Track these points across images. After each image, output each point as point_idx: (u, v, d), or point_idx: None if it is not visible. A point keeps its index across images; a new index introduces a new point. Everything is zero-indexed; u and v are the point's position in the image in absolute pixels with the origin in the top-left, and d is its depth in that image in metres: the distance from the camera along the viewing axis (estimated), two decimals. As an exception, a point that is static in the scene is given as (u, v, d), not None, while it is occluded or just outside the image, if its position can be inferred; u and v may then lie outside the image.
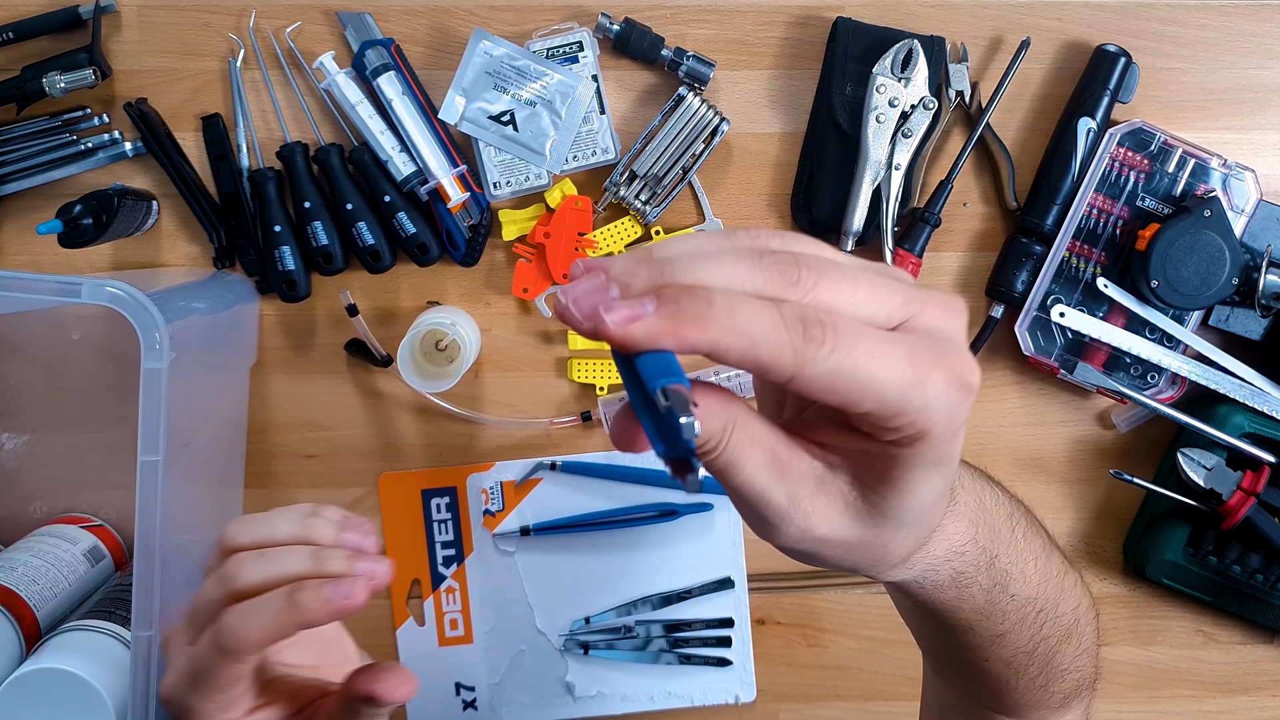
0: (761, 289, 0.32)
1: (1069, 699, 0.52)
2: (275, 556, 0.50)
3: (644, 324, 0.31)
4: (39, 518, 0.86)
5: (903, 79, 0.79)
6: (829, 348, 0.31)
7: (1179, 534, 0.83)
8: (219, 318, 0.79)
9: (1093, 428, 0.87)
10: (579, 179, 0.84)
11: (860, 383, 0.32)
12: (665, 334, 0.31)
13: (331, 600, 0.48)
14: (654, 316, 0.31)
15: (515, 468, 0.87)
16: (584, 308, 0.31)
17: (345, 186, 0.81)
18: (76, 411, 0.85)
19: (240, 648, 0.47)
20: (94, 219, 0.75)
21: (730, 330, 0.31)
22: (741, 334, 0.31)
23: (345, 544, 0.52)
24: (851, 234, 0.81)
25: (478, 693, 0.88)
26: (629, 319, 0.31)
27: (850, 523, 0.37)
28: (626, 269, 0.32)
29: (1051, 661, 0.50)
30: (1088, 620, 0.52)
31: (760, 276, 0.32)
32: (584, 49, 0.80)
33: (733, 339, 0.31)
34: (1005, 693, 0.51)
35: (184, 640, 0.50)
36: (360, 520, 0.54)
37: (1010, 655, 0.49)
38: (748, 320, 0.31)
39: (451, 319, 0.80)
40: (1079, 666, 0.52)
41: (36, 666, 0.69)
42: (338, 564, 0.50)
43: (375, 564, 0.50)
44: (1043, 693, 0.51)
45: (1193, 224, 0.77)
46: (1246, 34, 0.83)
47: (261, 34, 0.82)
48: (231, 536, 0.52)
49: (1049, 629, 0.49)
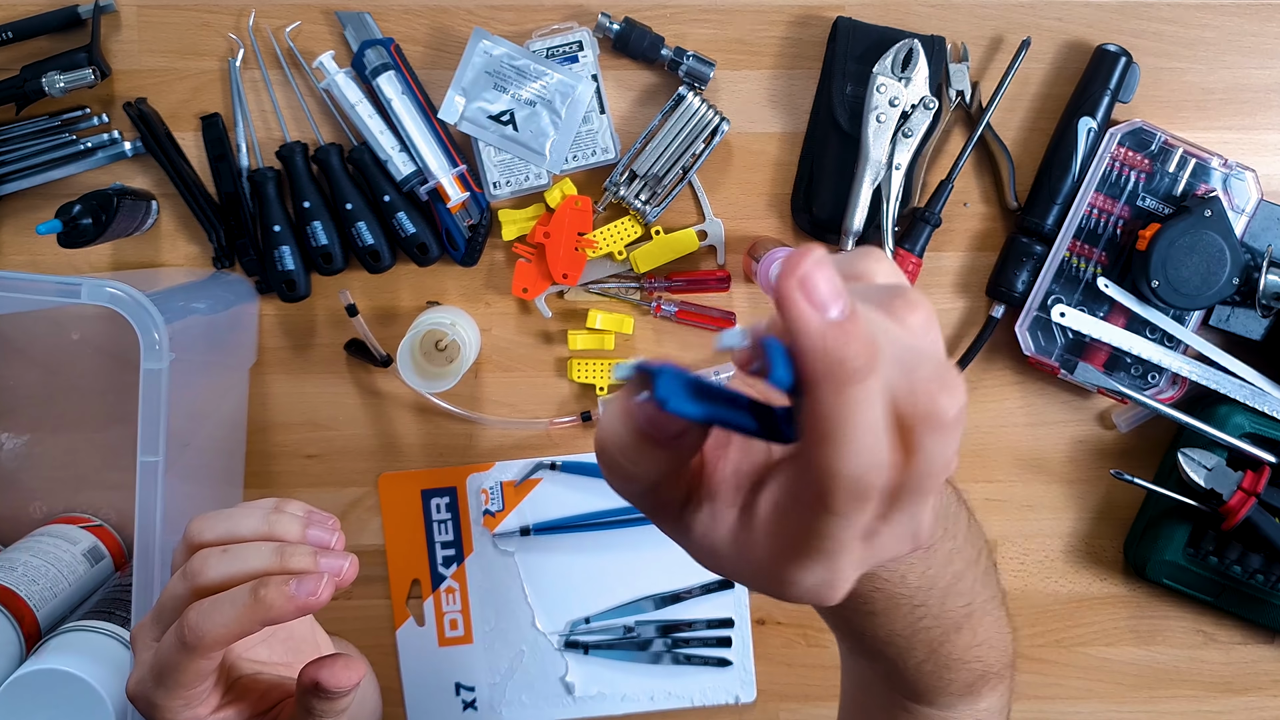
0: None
1: (974, 687, 0.51)
2: (240, 552, 0.50)
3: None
4: (39, 518, 0.86)
5: (903, 79, 0.79)
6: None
7: (1179, 534, 0.83)
8: (218, 318, 0.79)
9: (1093, 428, 0.87)
10: (579, 179, 0.84)
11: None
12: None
13: (295, 597, 0.48)
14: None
15: (515, 468, 0.87)
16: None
17: (345, 186, 0.81)
18: (76, 412, 0.85)
19: (203, 643, 0.47)
20: (93, 219, 0.75)
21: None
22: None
23: (310, 540, 0.52)
24: (852, 234, 0.81)
25: (478, 693, 0.88)
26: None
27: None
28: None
29: (939, 650, 0.49)
30: (986, 612, 0.50)
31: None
32: (584, 48, 0.80)
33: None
34: (899, 673, 0.50)
35: (150, 637, 0.51)
36: (324, 515, 0.54)
37: (887, 636, 0.47)
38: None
39: (451, 319, 0.80)
40: (979, 657, 0.50)
41: (36, 667, 0.69)
42: (302, 560, 0.50)
43: (339, 560, 0.50)
44: (937, 679, 0.50)
45: (1193, 224, 0.77)
46: (1247, 34, 0.83)
47: (261, 33, 0.82)
48: (196, 532, 0.52)
49: (929, 622, 0.48)
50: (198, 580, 0.49)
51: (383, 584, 0.88)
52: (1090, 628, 0.89)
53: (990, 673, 0.52)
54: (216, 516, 0.53)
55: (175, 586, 0.50)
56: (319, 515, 0.54)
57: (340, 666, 0.50)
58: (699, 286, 0.85)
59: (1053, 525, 0.88)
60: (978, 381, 0.87)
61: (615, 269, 0.85)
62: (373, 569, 0.88)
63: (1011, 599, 0.89)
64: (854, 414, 0.29)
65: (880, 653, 0.49)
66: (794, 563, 0.33)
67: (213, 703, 0.51)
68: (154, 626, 0.51)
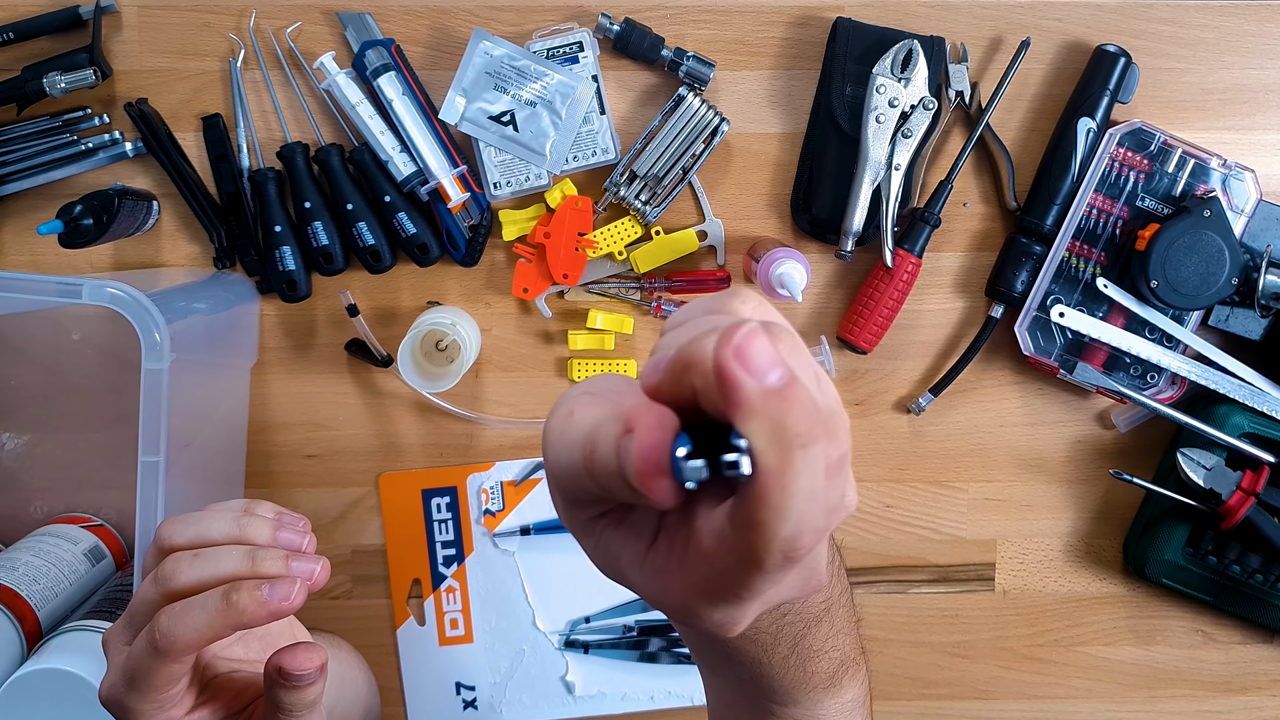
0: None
1: (836, 677, 0.51)
2: (211, 557, 0.50)
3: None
4: (40, 518, 0.86)
5: (902, 79, 0.79)
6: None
7: (1178, 534, 0.83)
8: (219, 318, 0.79)
9: (1092, 428, 0.88)
10: (579, 179, 0.84)
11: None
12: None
13: (267, 602, 0.48)
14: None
15: (515, 467, 0.87)
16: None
17: (345, 187, 0.81)
18: (77, 412, 0.85)
19: (175, 648, 0.47)
20: (94, 219, 0.75)
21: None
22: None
23: (281, 543, 0.52)
24: (851, 234, 0.81)
25: (478, 692, 0.88)
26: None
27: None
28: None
29: (801, 643, 0.49)
30: (841, 604, 0.51)
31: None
32: (584, 49, 0.80)
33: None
34: (763, 673, 0.49)
35: (122, 641, 0.50)
36: (295, 518, 0.54)
37: (753, 634, 0.47)
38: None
39: (452, 319, 0.80)
40: (836, 645, 0.50)
41: (38, 667, 0.69)
42: (273, 565, 0.50)
43: (311, 564, 0.50)
44: (800, 672, 0.50)
45: (1192, 224, 0.77)
46: (1246, 34, 0.83)
47: (262, 34, 0.82)
48: (167, 535, 0.52)
49: (792, 618, 0.48)
50: (169, 585, 0.49)
51: (383, 583, 0.88)
52: (1089, 627, 0.89)
53: (848, 659, 0.52)
54: (187, 520, 0.52)
55: (146, 590, 0.50)
56: (290, 517, 0.54)
57: (301, 651, 0.50)
58: (699, 287, 0.85)
59: (1052, 525, 0.88)
60: (977, 381, 0.87)
61: (615, 269, 0.85)
62: (373, 569, 0.88)
63: (1011, 599, 0.89)
64: (795, 481, 0.29)
65: (744, 651, 0.49)
66: (706, 601, 0.33)
67: (187, 704, 0.51)
68: (125, 630, 0.51)
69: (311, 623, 0.88)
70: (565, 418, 0.35)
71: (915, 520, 0.88)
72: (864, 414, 0.87)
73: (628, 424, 0.31)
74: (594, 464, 0.33)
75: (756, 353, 0.29)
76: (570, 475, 0.34)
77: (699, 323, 0.35)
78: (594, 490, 0.34)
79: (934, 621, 0.89)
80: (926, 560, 0.88)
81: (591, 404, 0.35)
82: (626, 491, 0.32)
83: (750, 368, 0.29)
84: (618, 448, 0.32)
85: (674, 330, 0.36)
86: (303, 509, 0.86)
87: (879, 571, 0.88)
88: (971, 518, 0.88)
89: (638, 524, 0.36)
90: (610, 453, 0.32)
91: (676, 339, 0.34)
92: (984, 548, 0.88)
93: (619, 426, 0.32)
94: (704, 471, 0.31)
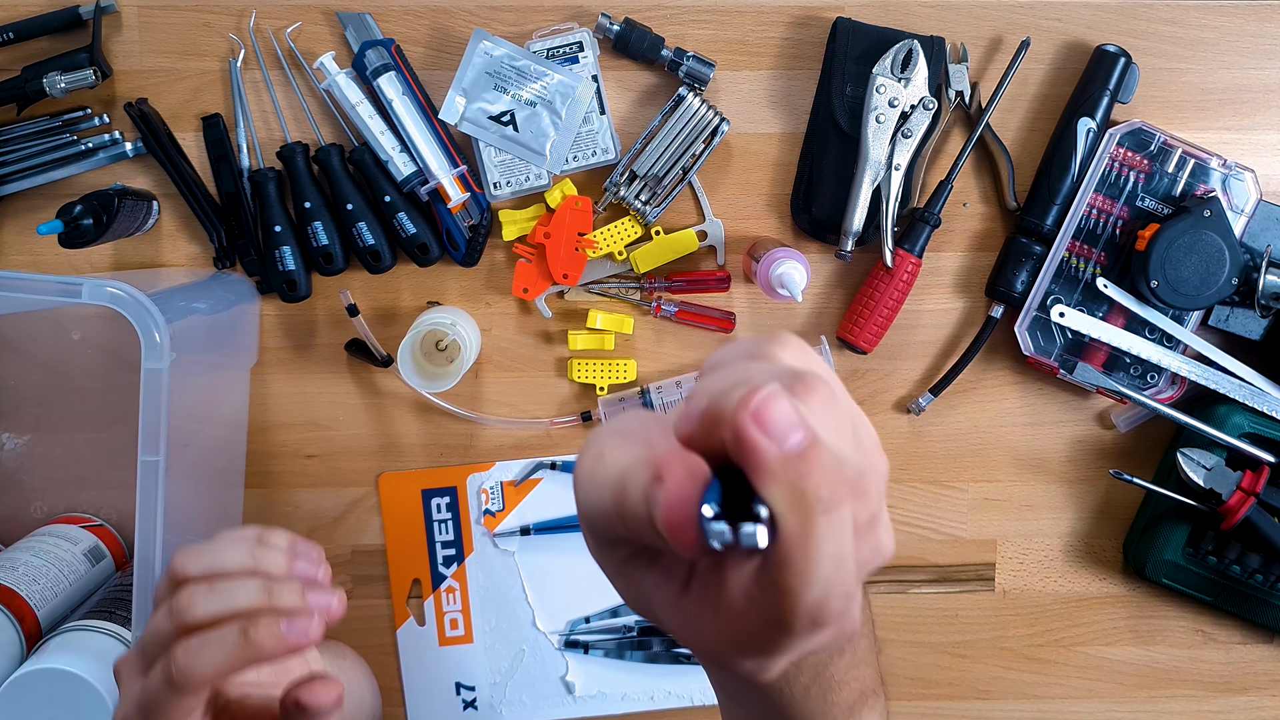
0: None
1: (855, 707, 0.51)
2: (227, 589, 0.49)
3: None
4: (40, 517, 0.86)
5: (902, 79, 0.79)
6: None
7: (1178, 534, 0.83)
8: (219, 318, 0.79)
9: (1092, 428, 0.88)
10: (579, 179, 0.84)
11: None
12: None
13: (285, 638, 0.47)
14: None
15: (515, 467, 0.87)
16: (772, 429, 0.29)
17: (345, 187, 0.81)
18: (77, 411, 0.85)
19: (191, 683, 0.47)
20: (94, 219, 0.75)
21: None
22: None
23: (297, 574, 0.51)
24: (851, 234, 0.81)
25: (478, 692, 0.88)
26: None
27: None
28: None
29: (824, 673, 0.48)
30: (863, 634, 0.50)
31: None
32: (584, 49, 0.80)
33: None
34: (784, 703, 0.49)
35: (135, 671, 0.50)
36: (309, 547, 0.53)
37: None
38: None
39: (452, 319, 0.80)
40: (857, 676, 0.50)
41: (37, 666, 0.69)
42: (290, 598, 0.49)
43: (328, 596, 0.50)
44: (822, 702, 0.49)
45: (1192, 224, 0.77)
46: (1246, 34, 0.83)
47: (262, 34, 0.82)
48: (181, 567, 0.51)
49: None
50: (184, 618, 0.49)
51: (383, 584, 0.88)
52: (1090, 627, 0.89)
53: (868, 690, 0.52)
54: (200, 550, 0.52)
55: (160, 623, 0.49)
56: (304, 546, 0.53)
57: (319, 686, 0.49)
58: (699, 287, 0.85)
59: (1052, 525, 0.88)
60: (977, 382, 0.87)
61: (615, 269, 0.85)
62: (373, 569, 0.88)
63: (1011, 598, 0.89)
64: (819, 546, 0.29)
65: (768, 683, 0.48)
66: (737, 651, 0.33)
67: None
68: (139, 660, 0.50)
69: (311, 623, 0.88)
70: (596, 459, 0.34)
71: (915, 520, 0.88)
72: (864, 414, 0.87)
73: (658, 472, 0.31)
74: (624, 509, 0.32)
75: (775, 416, 0.29)
76: (601, 518, 0.34)
77: (735, 370, 0.34)
78: (625, 534, 0.33)
79: (934, 621, 0.89)
80: (926, 560, 0.88)
81: (622, 446, 0.34)
82: (656, 538, 0.32)
83: (769, 431, 0.29)
84: (647, 496, 0.31)
85: (711, 374, 0.35)
86: (303, 509, 0.87)
87: (879, 571, 0.88)
88: (971, 518, 0.88)
89: (670, 566, 0.35)
90: (640, 500, 0.32)
91: (712, 385, 0.33)
92: (984, 548, 0.88)
93: (649, 473, 0.31)
94: (728, 536, 0.30)
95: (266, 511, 0.87)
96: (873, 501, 0.32)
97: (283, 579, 0.51)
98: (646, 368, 0.86)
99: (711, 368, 0.36)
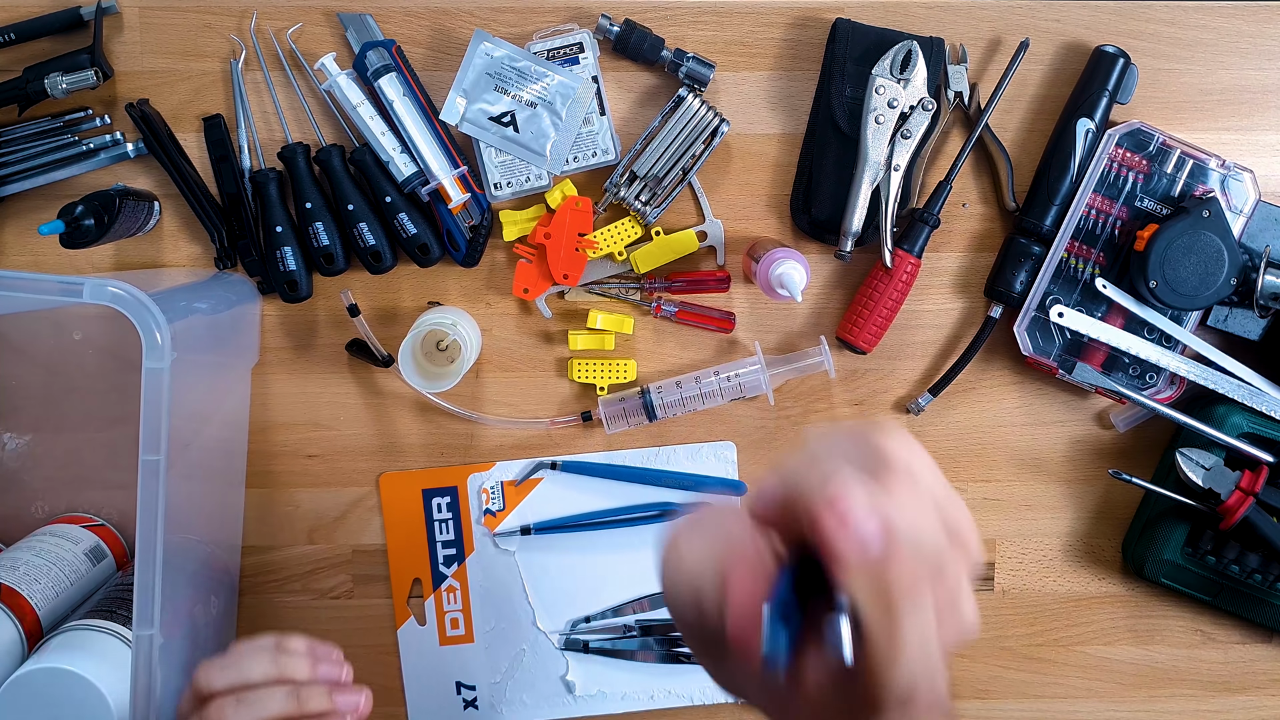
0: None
1: None
2: (256, 700, 0.50)
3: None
4: (41, 517, 0.86)
5: (902, 80, 0.79)
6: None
7: (1177, 533, 0.83)
8: (220, 318, 0.79)
9: (1091, 428, 0.88)
10: (579, 180, 0.84)
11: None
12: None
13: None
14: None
15: (515, 467, 0.87)
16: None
17: (346, 187, 0.81)
18: (78, 411, 0.85)
19: None
20: (96, 219, 0.75)
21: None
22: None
23: (322, 678, 0.52)
24: (851, 234, 0.81)
25: (478, 692, 0.88)
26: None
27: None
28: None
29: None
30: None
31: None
32: (584, 50, 0.80)
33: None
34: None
35: None
36: (328, 649, 0.54)
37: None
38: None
39: (452, 319, 0.81)
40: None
41: (38, 666, 0.69)
42: (319, 702, 0.50)
43: (355, 695, 0.51)
44: None
45: (1191, 224, 0.78)
46: (1245, 35, 0.84)
47: (263, 35, 0.82)
48: (205, 682, 0.52)
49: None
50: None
51: (384, 583, 0.88)
52: (1089, 627, 0.89)
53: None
54: (223, 664, 0.52)
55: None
56: (323, 649, 0.54)
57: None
58: (699, 287, 0.85)
59: (1051, 525, 0.89)
60: (976, 382, 0.87)
61: (616, 269, 0.85)
62: (374, 568, 0.88)
63: (1010, 598, 0.89)
64: (904, 634, 0.30)
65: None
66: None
67: None
68: None
69: (312, 623, 0.88)
70: (675, 559, 0.36)
71: (915, 520, 0.88)
72: (863, 414, 0.87)
73: (725, 576, 0.32)
74: (703, 617, 0.34)
75: (853, 509, 0.30)
76: (687, 623, 0.35)
77: (835, 460, 0.35)
78: (712, 635, 0.34)
79: (933, 621, 0.89)
80: (926, 560, 0.88)
81: (699, 544, 0.35)
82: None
83: (847, 524, 0.30)
84: (717, 605, 0.33)
85: (809, 459, 0.36)
86: (303, 509, 0.87)
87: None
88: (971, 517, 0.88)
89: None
90: (714, 609, 0.33)
91: (795, 467, 0.34)
92: (983, 547, 0.88)
93: (719, 582, 0.33)
94: (788, 656, 0.31)
95: (267, 511, 0.87)
96: (951, 583, 0.33)
97: (308, 684, 0.52)
98: (646, 368, 0.86)
99: (812, 455, 0.36)
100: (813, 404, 0.87)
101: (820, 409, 0.87)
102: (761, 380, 0.83)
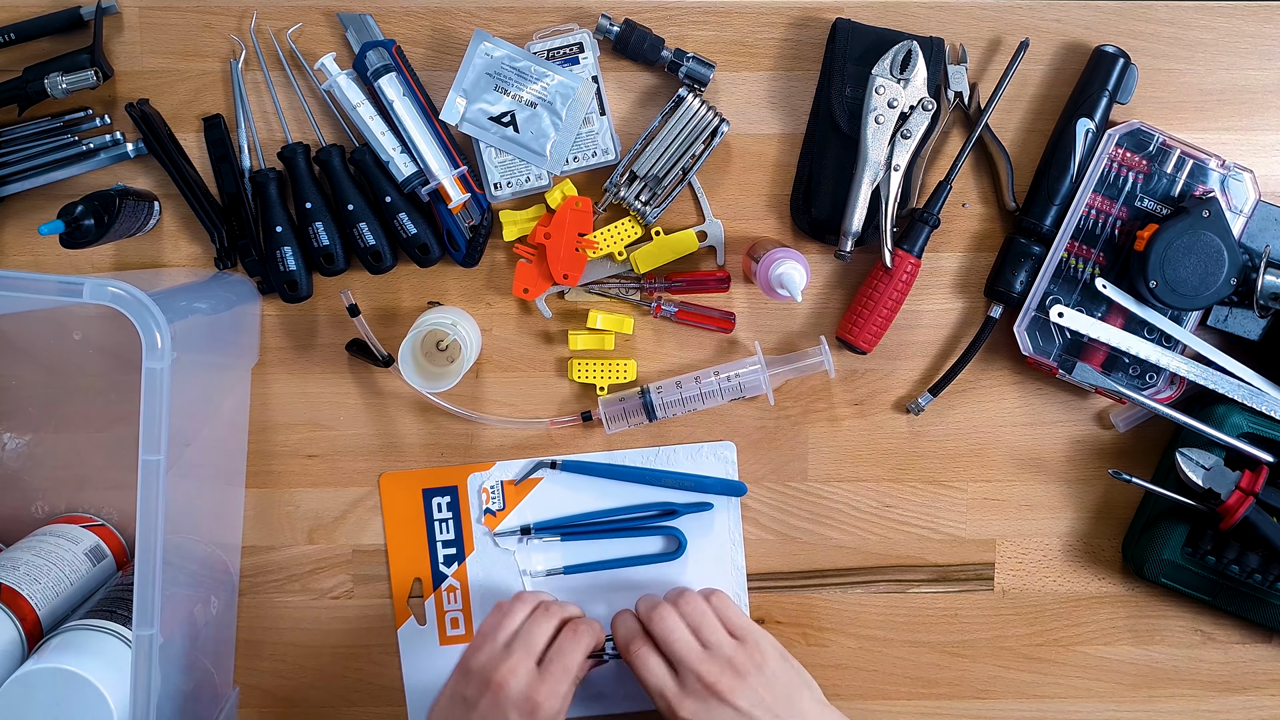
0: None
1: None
2: (546, 620, 0.75)
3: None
4: (41, 517, 0.86)
5: (901, 80, 0.79)
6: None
7: (1177, 533, 0.83)
8: (220, 318, 0.79)
9: (1091, 428, 0.88)
10: (579, 180, 0.84)
11: None
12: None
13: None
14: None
15: (515, 467, 0.87)
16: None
17: (346, 187, 0.81)
18: (78, 411, 0.86)
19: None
20: (96, 219, 0.76)
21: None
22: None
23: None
24: (850, 234, 0.81)
25: (478, 692, 0.88)
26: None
27: None
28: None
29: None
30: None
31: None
32: (584, 50, 0.80)
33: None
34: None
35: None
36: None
37: None
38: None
39: (452, 319, 0.81)
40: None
41: (38, 665, 0.69)
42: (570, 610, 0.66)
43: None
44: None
45: (1191, 224, 0.78)
46: (1245, 35, 0.84)
47: (263, 35, 0.82)
48: (489, 652, 0.68)
49: None
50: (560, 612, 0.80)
51: (384, 583, 0.88)
52: (1088, 627, 0.89)
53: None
54: (504, 624, 0.79)
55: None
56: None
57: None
58: (699, 287, 0.85)
59: (1051, 525, 0.89)
60: (975, 382, 0.87)
61: (616, 269, 0.85)
62: (374, 568, 0.88)
63: (1010, 598, 0.89)
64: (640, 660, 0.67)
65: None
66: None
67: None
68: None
69: (312, 623, 0.88)
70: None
71: (914, 520, 0.88)
72: (863, 414, 0.87)
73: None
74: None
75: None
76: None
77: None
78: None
79: (933, 621, 0.89)
80: (926, 560, 0.89)
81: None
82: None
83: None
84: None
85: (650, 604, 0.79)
86: (304, 509, 0.87)
87: (878, 571, 0.88)
88: (970, 517, 0.88)
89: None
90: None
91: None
92: (983, 547, 0.89)
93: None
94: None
95: (267, 511, 0.87)
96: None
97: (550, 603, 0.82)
98: (646, 368, 0.86)
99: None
100: (813, 404, 0.87)
101: (820, 409, 0.87)
102: (761, 380, 0.83)
